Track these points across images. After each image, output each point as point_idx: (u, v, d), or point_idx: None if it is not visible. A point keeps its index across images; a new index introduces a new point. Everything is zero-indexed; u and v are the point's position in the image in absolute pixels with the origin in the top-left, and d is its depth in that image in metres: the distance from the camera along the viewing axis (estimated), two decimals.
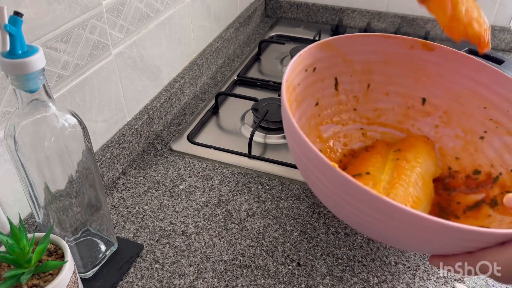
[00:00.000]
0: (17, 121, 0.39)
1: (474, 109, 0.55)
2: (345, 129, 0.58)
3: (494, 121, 0.53)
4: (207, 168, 0.69)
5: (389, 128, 0.60)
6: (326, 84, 0.55)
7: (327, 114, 0.57)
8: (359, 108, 0.59)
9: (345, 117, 0.58)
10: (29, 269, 0.39)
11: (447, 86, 0.56)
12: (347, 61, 0.55)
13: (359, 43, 0.55)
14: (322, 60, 0.53)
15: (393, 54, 0.56)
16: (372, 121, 0.59)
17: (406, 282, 0.52)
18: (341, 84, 0.56)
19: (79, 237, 0.49)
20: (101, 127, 0.64)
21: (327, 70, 0.54)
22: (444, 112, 0.57)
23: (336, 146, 0.57)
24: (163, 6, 0.73)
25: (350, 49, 0.55)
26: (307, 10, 1.18)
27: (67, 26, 0.53)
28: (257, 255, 0.55)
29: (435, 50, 0.54)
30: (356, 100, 0.58)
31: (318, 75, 0.54)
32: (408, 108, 0.59)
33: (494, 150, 0.53)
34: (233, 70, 0.96)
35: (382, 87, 0.58)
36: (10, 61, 0.36)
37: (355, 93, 0.58)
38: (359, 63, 0.56)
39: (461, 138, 0.56)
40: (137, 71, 0.69)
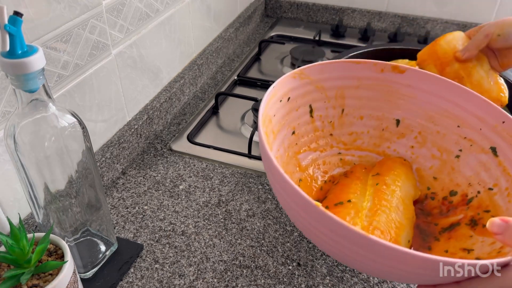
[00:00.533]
0: (17, 121, 0.39)
1: (448, 128, 0.55)
2: (323, 155, 0.59)
3: (468, 139, 0.53)
4: (207, 168, 0.69)
5: (366, 151, 0.61)
6: (301, 112, 0.56)
7: (304, 141, 0.57)
8: (335, 133, 0.60)
9: (322, 143, 0.59)
10: (29, 269, 0.39)
11: (420, 107, 0.57)
12: (320, 88, 0.56)
13: (330, 70, 0.56)
14: (296, 89, 0.54)
15: (364, 79, 0.57)
16: (348, 146, 0.61)
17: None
18: (316, 110, 0.57)
19: (79, 237, 0.49)
20: (101, 127, 0.64)
21: (301, 98, 0.55)
22: (418, 132, 0.58)
23: (316, 173, 0.58)
24: (163, 6, 0.73)
25: (322, 76, 0.56)
26: (307, 10, 1.18)
27: (67, 26, 0.53)
28: (257, 255, 0.55)
29: (405, 72, 0.56)
30: (331, 125, 0.59)
31: (293, 104, 0.54)
32: (383, 130, 0.60)
33: (470, 169, 0.53)
34: (233, 70, 0.96)
35: (356, 111, 0.59)
36: (10, 61, 0.36)
37: (330, 118, 0.59)
38: (332, 89, 0.57)
39: (438, 157, 0.57)
40: (137, 71, 0.69)
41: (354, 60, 0.56)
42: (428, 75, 0.55)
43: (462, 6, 1.04)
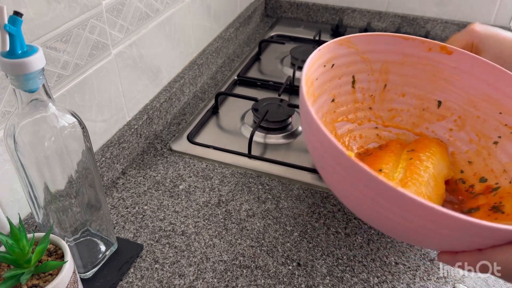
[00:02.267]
0: (16, 121, 0.39)
1: (489, 114, 0.55)
2: (360, 128, 0.59)
3: (509, 126, 0.53)
4: (207, 168, 0.69)
5: (404, 130, 0.60)
6: (344, 81, 0.56)
7: (343, 111, 0.57)
8: (374, 107, 0.59)
9: (361, 115, 0.59)
10: (29, 269, 0.39)
11: (463, 90, 0.56)
12: (366, 60, 0.56)
13: (378, 42, 0.55)
14: (341, 57, 0.54)
15: (411, 56, 0.57)
16: (386, 122, 0.60)
17: (406, 282, 0.52)
18: (358, 82, 0.57)
19: (79, 237, 0.49)
20: (100, 127, 0.64)
21: (345, 67, 0.55)
22: (459, 116, 0.57)
23: (351, 144, 0.58)
24: (163, 6, 0.73)
25: (369, 47, 0.56)
26: (307, 10, 1.18)
27: (66, 26, 0.53)
28: (257, 255, 0.55)
29: (453, 54, 0.55)
30: (372, 99, 0.59)
31: (336, 72, 0.54)
32: (423, 110, 0.59)
33: (507, 156, 0.53)
34: (233, 70, 0.96)
35: (399, 88, 0.59)
36: (10, 61, 0.36)
37: (371, 92, 0.59)
38: (377, 62, 0.57)
39: (475, 142, 0.56)
40: (137, 71, 0.69)
41: (403, 36, 0.56)
42: (475, 58, 0.54)
43: (462, 6, 1.04)
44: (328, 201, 0.63)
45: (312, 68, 0.49)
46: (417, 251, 0.56)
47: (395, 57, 0.57)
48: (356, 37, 0.54)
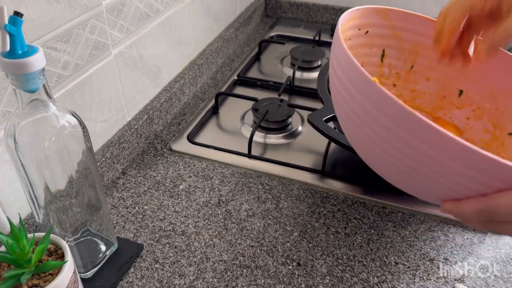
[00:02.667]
0: (17, 121, 0.39)
1: (508, 108, 0.56)
2: None
3: None
4: (207, 168, 0.69)
5: (423, 112, 0.62)
6: (374, 52, 0.57)
7: None
8: (398, 85, 0.61)
9: None
10: (29, 269, 0.39)
11: (486, 82, 0.57)
12: (398, 37, 0.57)
13: (413, 22, 0.56)
14: (376, 26, 0.55)
15: None
16: (407, 101, 0.61)
17: (406, 282, 0.52)
18: (387, 57, 0.58)
19: (79, 237, 0.49)
20: (101, 127, 0.64)
21: (377, 39, 0.56)
22: (478, 106, 0.58)
23: None
24: (163, 6, 0.73)
25: (403, 25, 0.56)
26: (307, 10, 1.18)
27: (67, 26, 0.53)
28: (257, 255, 0.55)
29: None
30: (397, 76, 0.60)
31: (369, 40, 0.55)
32: (444, 97, 0.61)
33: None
34: (233, 70, 0.96)
35: (425, 71, 0.60)
36: (10, 61, 0.36)
37: (398, 70, 0.60)
38: (408, 42, 0.58)
39: (490, 132, 0.57)
40: (137, 71, 0.69)
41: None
42: (503, 53, 0.54)
43: None
44: (328, 201, 0.63)
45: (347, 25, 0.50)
46: (417, 251, 0.56)
47: (427, 40, 0.57)
48: (393, 11, 0.55)
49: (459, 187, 0.38)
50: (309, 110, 0.76)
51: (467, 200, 0.37)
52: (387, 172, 0.46)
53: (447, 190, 0.39)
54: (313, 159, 0.70)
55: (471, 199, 0.37)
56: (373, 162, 0.48)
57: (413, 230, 0.59)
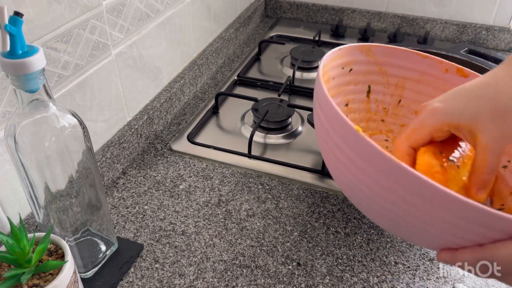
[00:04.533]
0: (17, 121, 0.39)
1: None
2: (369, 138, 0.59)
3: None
4: (207, 168, 0.69)
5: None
6: (359, 89, 0.56)
7: (355, 118, 0.58)
8: (386, 120, 0.60)
9: (372, 126, 0.59)
10: (29, 269, 0.39)
11: None
12: (383, 72, 0.56)
13: (397, 56, 0.56)
14: (360, 63, 0.54)
15: (427, 74, 0.57)
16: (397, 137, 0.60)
17: (406, 282, 0.52)
18: (374, 93, 0.57)
19: (79, 237, 0.49)
20: (101, 127, 0.64)
21: (362, 76, 0.55)
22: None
23: None
24: (163, 6, 0.73)
25: (387, 60, 0.56)
26: (307, 10, 1.18)
27: (67, 26, 0.53)
28: (257, 255, 0.55)
29: (469, 76, 0.55)
30: (385, 112, 0.59)
31: (353, 77, 0.54)
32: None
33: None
34: (233, 70, 0.96)
35: (412, 105, 0.59)
36: (11, 61, 0.36)
37: (385, 105, 0.59)
38: (394, 77, 0.57)
39: None
40: (137, 71, 0.69)
41: (421, 54, 0.56)
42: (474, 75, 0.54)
43: (462, 6, 1.04)
44: (328, 201, 0.63)
45: (330, 65, 0.49)
46: (416, 251, 0.56)
47: (412, 74, 0.57)
48: (377, 47, 0.54)
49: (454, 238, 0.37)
50: (309, 110, 0.76)
51: (463, 251, 0.36)
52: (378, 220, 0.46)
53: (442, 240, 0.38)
54: (313, 159, 0.71)
55: (467, 249, 0.36)
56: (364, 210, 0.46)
57: None
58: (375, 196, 0.40)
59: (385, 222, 0.45)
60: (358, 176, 0.40)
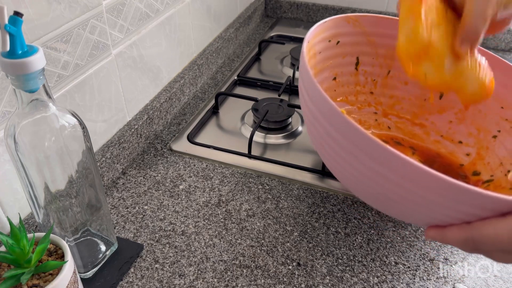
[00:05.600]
0: (17, 121, 0.39)
1: (491, 108, 0.55)
2: (358, 111, 0.58)
3: (509, 121, 0.53)
4: (207, 168, 0.69)
5: (403, 119, 0.60)
6: (347, 61, 0.55)
7: (343, 91, 0.56)
8: (376, 92, 0.59)
9: (361, 99, 0.58)
10: (29, 269, 0.39)
11: None
12: (371, 43, 0.55)
13: (386, 26, 0.54)
14: (347, 35, 0.53)
15: None
16: (387, 109, 0.59)
17: (406, 282, 0.52)
18: (362, 64, 0.56)
19: (79, 237, 0.49)
20: (101, 127, 0.64)
21: (350, 47, 0.54)
22: (459, 109, 0.57)
23: None
24: (163, 6, 0.73)
25: (376, 30, 0.54)
26: (307, 10, 1.18)
27: (67, 26, 0.53)
28: (257, 255, 0.55)
29: None
30: (374, 84, 0.58)
31: (341, 50, 0.53)
32: (425, 101, 0.59)
33: (505, 149, 0.53)
34: (233, 70, 0.96)
35: (402, 75, 0.58)
36: (10, 61, 0.36)
37: (374, 76, 0.58)
38: (383, 47, 0.56)
39: (474, 135, 0.56)
40: (137, 71, 0.69)
41: None
42: (482, 51, 0.53)
43: None
44: (328, 201, 0.63)
45: (316, 39, 0.48)
46: (417, 251, 0.56)
47: None
48: (364, 17, 0.53)
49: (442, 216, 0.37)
50: None
51: (451, 228, 0.36)
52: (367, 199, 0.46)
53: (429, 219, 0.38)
54: (313, 159, 0.70)
55: (455, 227, 0.36)
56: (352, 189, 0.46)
57: (413, 230, 0.59)
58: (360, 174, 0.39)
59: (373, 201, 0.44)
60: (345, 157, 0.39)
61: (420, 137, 0.59)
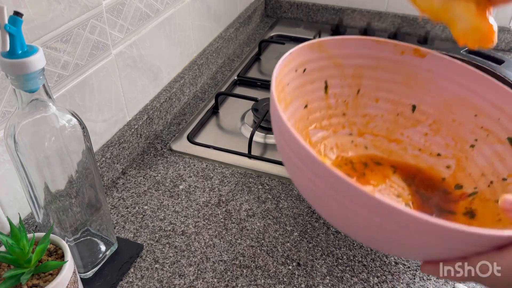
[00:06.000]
0: (17, 121, 0.39)
1: (465, 117, 0.54)
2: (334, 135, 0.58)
3: (485, 129, 0.52)
4: (207, 168, 0.69)
5: (379, 136, 0.59)
6: (316, 87, 0.55)
7: (316, 117, 0.56)
8: (348, 113, 0.58)
9: (334, 122, 0.58)
10: (29, 269, 0.39)
11: (438, 93, 0.55)
12: (338, 65, 0.55)
13: (350, 46, 0.54)
14: (313, 61, 0.53)
15: (384, 59, 0.55)
16: (361, 128, 0.59)
17: (406, 282, 0.52)
18: (331, 87, 0.56)
19: (79, 237, 0.49)
20: (101, 127, 0.64)
21: (317, 72, 0.54)
22: (434, 120, 0.56)
23: (326, 151, 0.57)
24: (163, 6, 0.73)
25: (341, 51, 0.54)
26: (307, 10, 1.18)
27: (67, 26, 0.53)
28: (257, 255, 0.55)
29: (426, 56, 0.54)
30: (345, 104, 0.58)
31: (308, 77, 0.53)
32: (398, 115, 0.58)
33: (484, 159, 0.52)
34: (233, 70, 0.96)
35: (372, 93, 0.58)
36: (10, 61, 0.36)
37: (344, 97, 0.57)
38: (349, 67, 0.56)
39: (451, 146, 0.55)
40: (137, 71, 0.69)
41: (375, 39, 0.54)
42: (449, 61, 0.53)
43: None
44: None
45: (283, 72, 0.48)
46: None
47: (368, 61, 0.56)
48: (328, 41, 0.52)
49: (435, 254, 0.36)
50: None
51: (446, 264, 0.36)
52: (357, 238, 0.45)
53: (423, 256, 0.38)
54: None
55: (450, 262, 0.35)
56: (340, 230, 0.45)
57: None
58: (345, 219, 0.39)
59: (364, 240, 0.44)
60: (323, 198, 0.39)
61: (398, 154, 0.59)
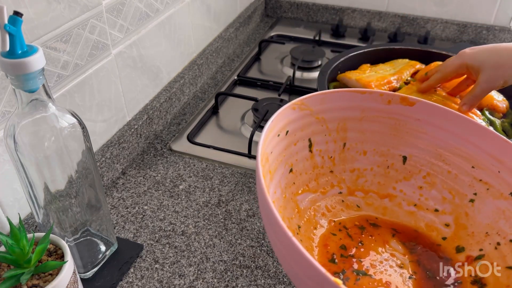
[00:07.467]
0: (16, 121, 0.39)
1: (461, 168, 0.50)
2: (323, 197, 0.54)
3: (484, 182, 0.48)
4: (207, 168, 0.69)
5: (370, 192, 0.56)
6: (300, 147, 0.52)
7: (303, 180, 0.53)
8: (335, 170, 0.55)
9: (322, 181, 0.54)
10: (29, 269, 0.39)
11: (430, 143, 0.52)
12: (321, 120, 0.52)
13: (332, 100, 0.51)
14: (295, 121, 0.50)
15: (369, 110, 0.52)
16: (350, 185, 0.56)
17: None
18: (316, 144, 0.53)
19: (79, 237, 0.49)
20: (100, 127, 0.64)
21: (300, 131, 0.51)
22: (427, 172, 0.53)
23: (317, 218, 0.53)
24: (163, 6, 0.73)
25: (323, 106, 0.51)
26: (307, 10, 1.17)
27: (66, 26, 0.53)
28: (257, 255, 0.55)
29: (415, 104, 0.51)
30: (332, 161, 0.54)
31: (291, 138, 0.50)
32: (388, 168, 0.55)
33: (486, 216, 0.48)
34: (233, 70, 0.96)
35: (359, 145, 0.54)
36: (10, 61, 0.36)
37: (330, 153, 0.54)
38: (333, 121, 0.53)
39: (449, 201, 0.51)
40: (137, 71, 0.69)
41: (359, 90, 0.52)
42: (439, 108, 0.50)
43: (462, 6, 1.04)
44: None
45: (266, 142, 0.45)
46: None
47: (352, 113, 0.53)
48: (309, 98, 0.49)
49: None
50: None
51: None
52: None
53: None
54: None
55: None
56: None
57: None
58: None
59: None
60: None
61: (393, 211, 0.55)
